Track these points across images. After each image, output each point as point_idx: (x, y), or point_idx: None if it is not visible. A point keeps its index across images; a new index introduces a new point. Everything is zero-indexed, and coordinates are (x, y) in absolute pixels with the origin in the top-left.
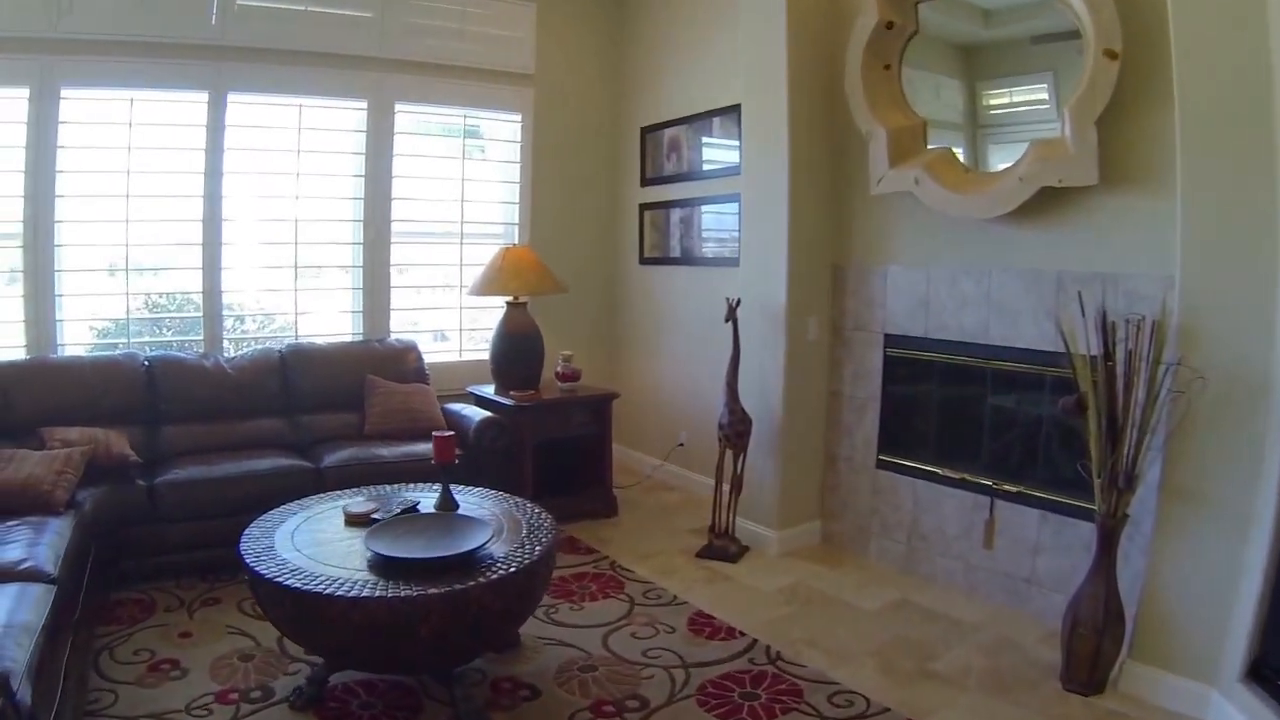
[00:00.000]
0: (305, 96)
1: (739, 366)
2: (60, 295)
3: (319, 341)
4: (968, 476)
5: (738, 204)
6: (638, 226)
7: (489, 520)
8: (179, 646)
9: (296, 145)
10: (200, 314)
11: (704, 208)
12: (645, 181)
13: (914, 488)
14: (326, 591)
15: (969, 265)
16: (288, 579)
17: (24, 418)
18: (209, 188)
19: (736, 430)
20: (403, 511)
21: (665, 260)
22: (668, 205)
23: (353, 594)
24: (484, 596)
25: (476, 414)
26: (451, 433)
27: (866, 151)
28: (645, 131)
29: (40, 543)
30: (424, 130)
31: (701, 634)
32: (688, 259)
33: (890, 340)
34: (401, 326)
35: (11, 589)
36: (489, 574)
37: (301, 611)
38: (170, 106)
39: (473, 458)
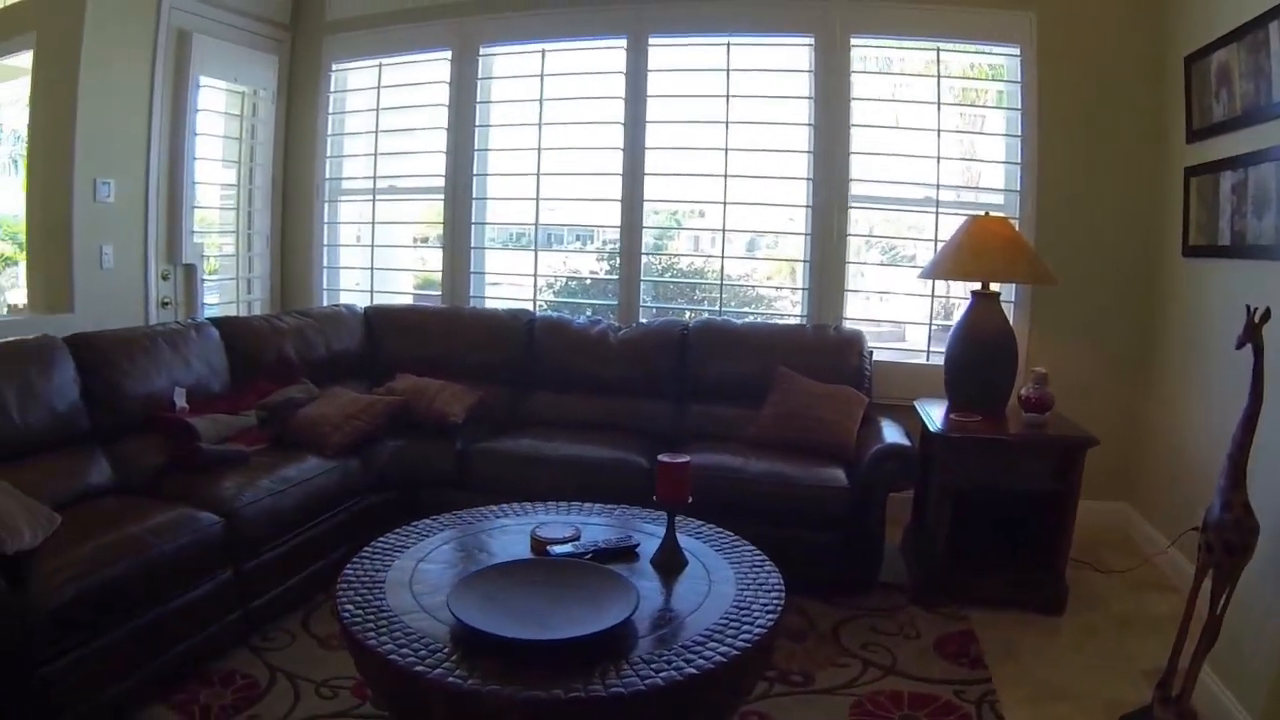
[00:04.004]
0: (735, 35)
1: (1254, 429)
2: (479, 249)
3: (737, 321)
4: None
5: None
6: (1182, 199)
7: (659, 599)
8: None
9: (725, 89)
10: (617, 277)
11: (1259, 168)
12: (1191, 135)
13: None
14: (351, 624)
15: None
16: (345, 603)
17: (389, 359)
18: (630, 139)
19: (1227, 539)
20: (596, 553)
21: (1212, 250)
22: (1216, 167)
23: (366, 638)
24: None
25: (896, 437)
26: (685, 459)
27: None
28: (1189, 62)
29: (264, 482)
30: (887, 69)
31: None
32: (1239, 249)
33: None
34: (864, 312)
35: (176, 515)
36: (561, 689)
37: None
38: (584, 55)
39: (863, 496)
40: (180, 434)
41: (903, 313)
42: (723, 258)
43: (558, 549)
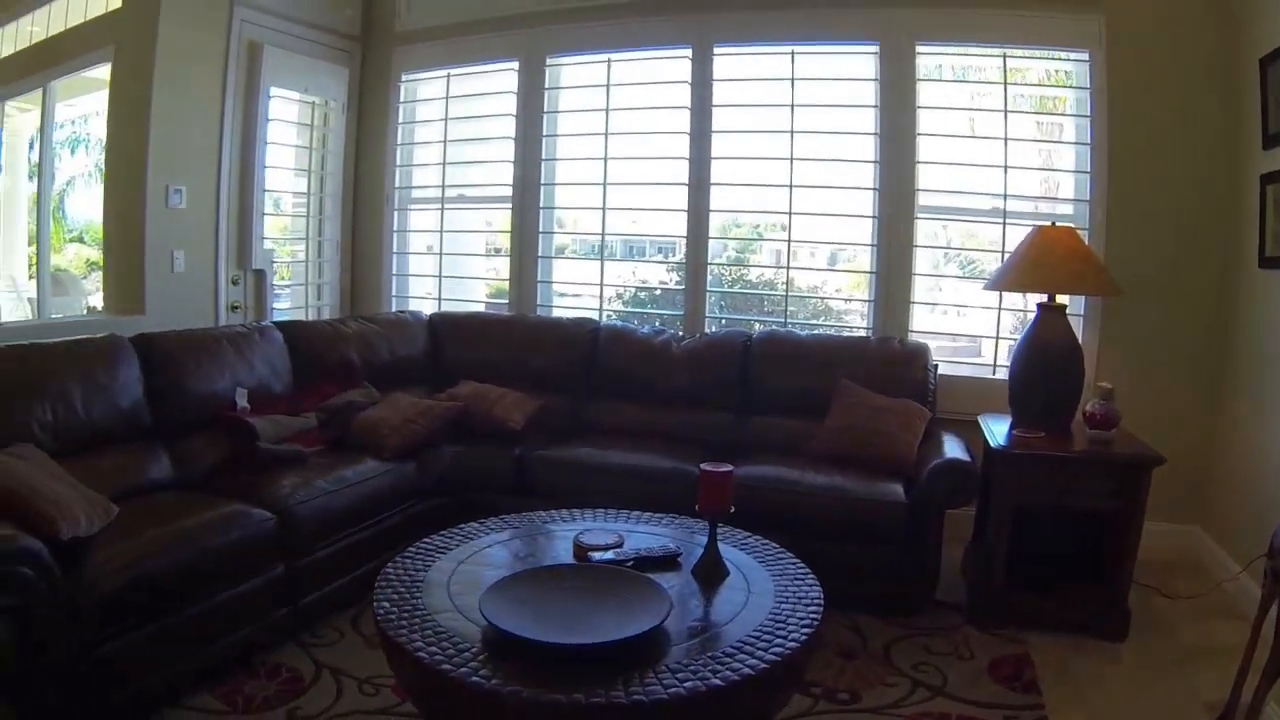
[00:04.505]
0: (799, 43)
1: None
2: (546, 258)
3: (800, 332)
4: None
5: None
6: (1258, 208)
7: (696, 608)
8: None
9: (790, 99)
10: (682, 287)
11: None
12: (1267, 140)
13: None
14: (384, 620)
15: None
16: (382, 600)
17: (452, 366)
18: (695, 149)
19: None
20: (637, 560)
21: None
22: None
23: (397, 635)
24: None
25: (957, 453)
26: (728, 468)
27: None
28: (1264, 64)
29: (319, 482)
30: (962, 77)
31: None
32: None
33: None
34: (938, 325)
35: (229, 511)
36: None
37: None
38: (650, 65)
39: (920, 512)
40: (240, 433)
41: (976, 326)
42: (789, 269)
43: (599, 555)
